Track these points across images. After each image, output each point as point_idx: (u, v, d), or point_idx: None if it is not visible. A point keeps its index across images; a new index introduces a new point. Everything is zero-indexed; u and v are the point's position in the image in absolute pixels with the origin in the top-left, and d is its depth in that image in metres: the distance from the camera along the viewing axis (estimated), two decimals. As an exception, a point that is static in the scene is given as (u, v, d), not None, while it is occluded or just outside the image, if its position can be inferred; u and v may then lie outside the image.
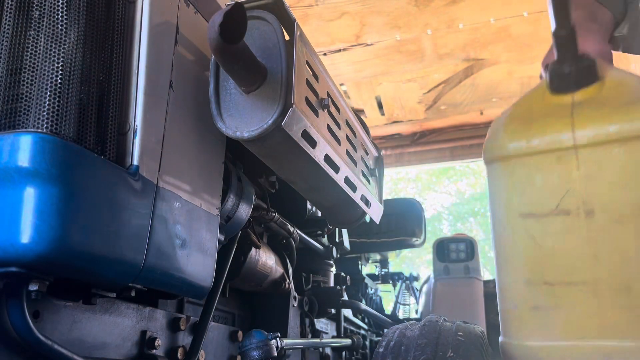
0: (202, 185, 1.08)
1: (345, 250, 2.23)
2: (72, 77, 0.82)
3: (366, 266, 3.66)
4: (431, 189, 16.10)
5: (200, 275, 1.06)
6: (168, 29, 1.00)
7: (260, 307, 1.72)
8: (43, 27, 0.83)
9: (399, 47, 4.05)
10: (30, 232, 0.73)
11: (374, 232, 3.07)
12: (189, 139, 1.05)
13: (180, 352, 1.21)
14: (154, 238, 0.91)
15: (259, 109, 1.00)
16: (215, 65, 1.05)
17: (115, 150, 0.88)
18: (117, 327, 1.05)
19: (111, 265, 0.84)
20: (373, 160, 1.60)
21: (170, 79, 0.99)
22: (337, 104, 1.26)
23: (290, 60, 1.00)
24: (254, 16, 1.04)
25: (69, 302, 0.94)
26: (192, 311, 1.37)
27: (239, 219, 1.30)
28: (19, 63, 0.82)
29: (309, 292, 1.93)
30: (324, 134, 1.14)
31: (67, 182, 0.76)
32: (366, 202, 1.48)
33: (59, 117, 0.79)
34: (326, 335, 2.10)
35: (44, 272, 0.77)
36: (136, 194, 0.89)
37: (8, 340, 0.82)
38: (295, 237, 1.77)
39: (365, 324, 2.82)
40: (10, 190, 0.74)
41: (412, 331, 0.94)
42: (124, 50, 0.92)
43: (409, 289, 4.47)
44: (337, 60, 4.16)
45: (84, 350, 0.95)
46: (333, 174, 1.22)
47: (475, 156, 5.50)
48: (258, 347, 1.19)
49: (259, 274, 1.52)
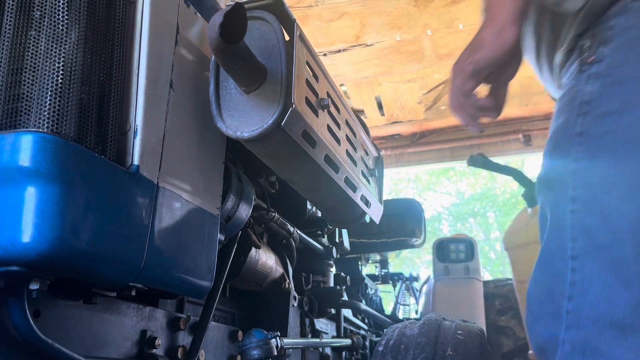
0: (202, 185, 1.08)
1: (345, 250, 2.23)
2: (73, 77, 0.82)
3: (366, 266, 3.66)
4: (431, 189, 16.11)
5: (201, 275, 1.06)
6: (168, 29, 1.01)
7: (260, 307, 1.73)
8: (44, 28, 0.83)
9: (399, 47, 4.05)
10: (31, 231, 0.73)
11: (374, 232, 3.07)
12: (190, 138, 1.05)
13: (180, 351, 1.22)
14: (155, 237, 0.92)
15: (259, 109, 1.00)
16: (216, 65, 1.05)
17: (116, 150, 0.88)
18: (117, 326, 1.05)
19: (112, 264, 0.84)
20: (373, 160, 1.60)
21: (171, 79, 1.00)
22: (337, 104, 1.26)
23: (290, 61, 1.01)
24: (254, 16, 1.04)
25: (69, 302, 0.94)
26: (192, 311, 1.37)
27: (239, 219, 1.31)
28: (20, 63, 0.82)
29: (309, 292, 1.93)
30: (324, 134, 1.14)
31: (68, 181, 0.76)
32: (366, 202, 1.49)
33: (60, 116, 0.79)
34: (326, 336, 2.10)
35: (45, 271, 0.77)
36: (136, 193, 0.89)
37: (9, 339, 0.82)
38: (295, 237, 1.77)
39: (365, 324, 2.82)
40: (11, 189, 0.74)
41: (411, 330, 0.94)
42: (125, 50, 0.93)
43: (408, 289, 4.47)
44: (337, 60, 4.16)
45: (84, 350, 0.95)
46: (333, 174, 1.22)
47: (475, 156, 5.49)
48: (258, 346, 1.19)
49: (259, 273, 1.53)
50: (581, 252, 0.92)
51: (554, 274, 0.96)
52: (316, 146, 1.11)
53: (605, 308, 0.88)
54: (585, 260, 0.92)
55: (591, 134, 0.94)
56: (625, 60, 0.93)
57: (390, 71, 4.35)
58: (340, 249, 2.17)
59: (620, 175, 0.90)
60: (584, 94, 0.97)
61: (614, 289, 0.89)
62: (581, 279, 0.91)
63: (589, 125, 0.94)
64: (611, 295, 0.89)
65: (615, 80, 0.94)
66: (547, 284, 0.98)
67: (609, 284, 0.89)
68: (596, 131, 0.94)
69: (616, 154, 0.91)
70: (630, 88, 0.92)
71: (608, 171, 0.92)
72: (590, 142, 0.94)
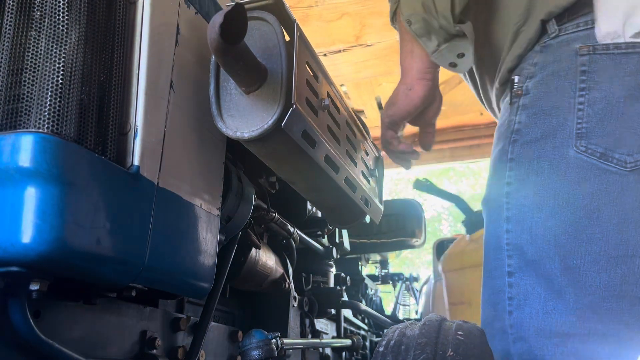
0: (202, 186, 1.08)
1: (345, 250, 2.23)
2: (73, 78, 0.82)
3: (366, 267, 3.66)
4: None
5: (201, 275, 1.06)
6: (169, 29, 1.01)
7: (260, 307, 1.73)
8: (44, 28, 0.83)
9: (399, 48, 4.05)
10: (31, 232, 0.73)
11: (374, 232, 3.07)
12: (190, 139, 1.05)
13: (181, 352, 1.22)
14: (155, 238, 0.92)
15: (259, 109, 1.00)
16: (216, 65, 1.05)
17: (116, 150, 0.88)
18: (117, 327, 1.05)
19: (112, 265, 0.84)
20: (373, 160, 1.60)
21: (171, 80, 1.00)
22: (337, 104, 1.26)
23: (291, 61, 1.01)
24: (254, 17, 1.04)
25: (69, 302, 0.94)
26: (192, 311, 1.37)
27: (239, 220, 1.31)
28: (20, 63, 0.82)
29: (309, 292, 1.93)
30: (324, 134, 1.14)
31: (68, 182, 0.76)
32: (366, 202, 1.49)
33: (60, 117, 0.79)
34: (326, 336, 2.10)
35: (44, 272, 0.77)
36: (137, 194, 0.89)
37: (9, 340, 0.82)
38: (296, 238, 1.77)
39: (366, 324, 2.82)
40: (11, 189, 0.74)
41: (412, 330, 0.94)
42: (125, 50, 0.93)
43: (409, 290, 4.47)
44: (337, 60, 4.16)
45: (84, 350, 0.95)
46: (333, 174, 1.22)
47: (475, 157, 5.50)
48: (258, 346, 1.19)
49: (259, 274, 1.53)
50: (516, 269, 1.01)
51: (496, 291, 1.04)
52: (316, 146, 1.11)
53: (544, 319, 0.97)
54: (520, 275, 1.01)
55: (521, 160, 1.04)
56: (546, 92, 1.03)
57: (390, 71, 4.34)
58: (341, 250, 2.17)
59: (545, 196, 1.00)
60: (514, 123, 1.07)
61: (548, 301, 0.97)
62: (517, 293, 1.00)
63: (519, 152, 1.05)
64: (547, 306, 0.97)
65: (538, 111, 1.03)
66: (492, 301, 1.06)
67: (544, 296, 0.97)
68: (525, 157, 1.04)
69: (542, 176, 1.01)
70: (550, 116, 1.02)
71: (535, 192, 1.01)
72: (520, 168, 1.04)
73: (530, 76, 1.06)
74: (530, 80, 1.06)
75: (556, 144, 1.00)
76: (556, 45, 1.04)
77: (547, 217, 0.98)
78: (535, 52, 1.07)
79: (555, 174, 0.99)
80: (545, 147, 1.01)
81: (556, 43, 1.04)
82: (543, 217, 0.99)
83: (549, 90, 1.03)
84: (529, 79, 1.07)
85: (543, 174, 1.00)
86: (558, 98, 1.01)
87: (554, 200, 0.98)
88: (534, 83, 1.06)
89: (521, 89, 1.07)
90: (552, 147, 1.00)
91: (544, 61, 1.05)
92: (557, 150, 0.99)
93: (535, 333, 0.96)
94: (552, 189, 0.99)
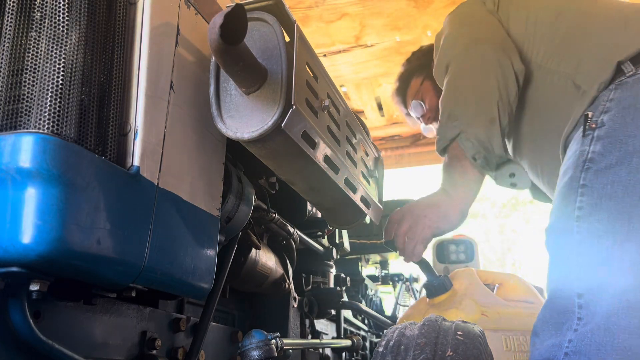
0: (202, 186, 1.08)
1: (345, 251, 2.23)
2: (73, 78, 0.82)
3: (366, 267, 3.65)
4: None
5: (201, 276, 1.06)
6: (169, 30, 1.01)
7: (260, 308, 1.73)
8: (44, 29, 0.83)
9: (399, 48, 4.05)
10: (32, 232, 0.73)
11: (374, 233, 3.06)
12: (190, 140, 1.05)
13: (181, 352, 1.22)
14: (155, 238, 0.92)
15: (259, 110, 1.00)
16: (216, 66, 1.05)
17: (116, 151, 0.88)
18: (117, 327, 1.05)
19: (112, 265, 0.84)
20: (373, 161, 1.60)
21: (171, 80, 1.00)
22: (337, 105, 1.27)
23: (291, 62, 1.01)
24: (254, 17, 1.04)
25: (69, 303, 0.94)
26: (192, 312, 1.37)
27: (239, 220, 1.31)
28: (20, 64, 0.82)
29: (309, 293, 1.93)
30: (324, 135, 1.14)
31: (68, 182, 0.76)
32: (366, 203, 1.49)
33: (60, 117, 0.79)
34: (326, 336, 2.10)
35: (45, 272, 0.77)
36: (137, 194, 0.89)
37: (9, 340, 0.82)
38: (295, 238, 1.77)
39: (365, 325, 2.82)
40: (12, 190, 0.75)
41: (411, 331, 0.94)
42: (125, 51, 0.93)
43: (409, 290, 4.46)
44: (337, 61, 4.16)
45: (84, 351, 0.95)
46: (333, 175, 1.22)
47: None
48: (258, 347, 1.19)
49: (259, 274, 1.53)
50: (587, 293, 1.03)
51: (561, 311, 1.05)
52: (316, 147, 1.11)
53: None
54: (591, 298, 1.02)
55: (594, 185, 1.08)
56: (622, 124, 1.10)
57: (390, 72, 4.34)
58: (341, 250, 2.17)
59: (620, 220, 1.03)
60: (587, 153, 1.12)
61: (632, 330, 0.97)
62: (586, 314, 1.01)
63: (591, 178, 1.09)
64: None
65: (614, 140, 1.09)
66: (554, 321, 1.07)
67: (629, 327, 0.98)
68: (598, 182, 1.08)
69: (615, 200, 1.04)
70: (626, 145, 1.07)
71: (609, 216, 1.04)
72: (592, 193, 1.08)
73: (605, 111, 1.14)
74: (605, 115, 1.13)
75: (631, 169, 1.04)
76: (632, 82, 1.13)
77: (622, 240, 1.01)
78: (609, 90, 1.16)
79: (629, 197, 1.02)
80: (620, 173, 1.05)
81: (632, 81, 1.13)
82: (618, 240, 1.01)
83: (625, 122, 1.09)
84: (604, 113, 1.14)
85: (617, 197, 1.04)
86: (633, 128, 1.07)
87: (628, 223, 1.01)
88: (609, 116, 1.12)
89: (595, 122, 1.14)
90: (627, 172, 1.04)
91: (620, 97, 1.13)
92: (632, 175, 1.03)
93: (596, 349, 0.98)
94: (627, 212, 1.02)
